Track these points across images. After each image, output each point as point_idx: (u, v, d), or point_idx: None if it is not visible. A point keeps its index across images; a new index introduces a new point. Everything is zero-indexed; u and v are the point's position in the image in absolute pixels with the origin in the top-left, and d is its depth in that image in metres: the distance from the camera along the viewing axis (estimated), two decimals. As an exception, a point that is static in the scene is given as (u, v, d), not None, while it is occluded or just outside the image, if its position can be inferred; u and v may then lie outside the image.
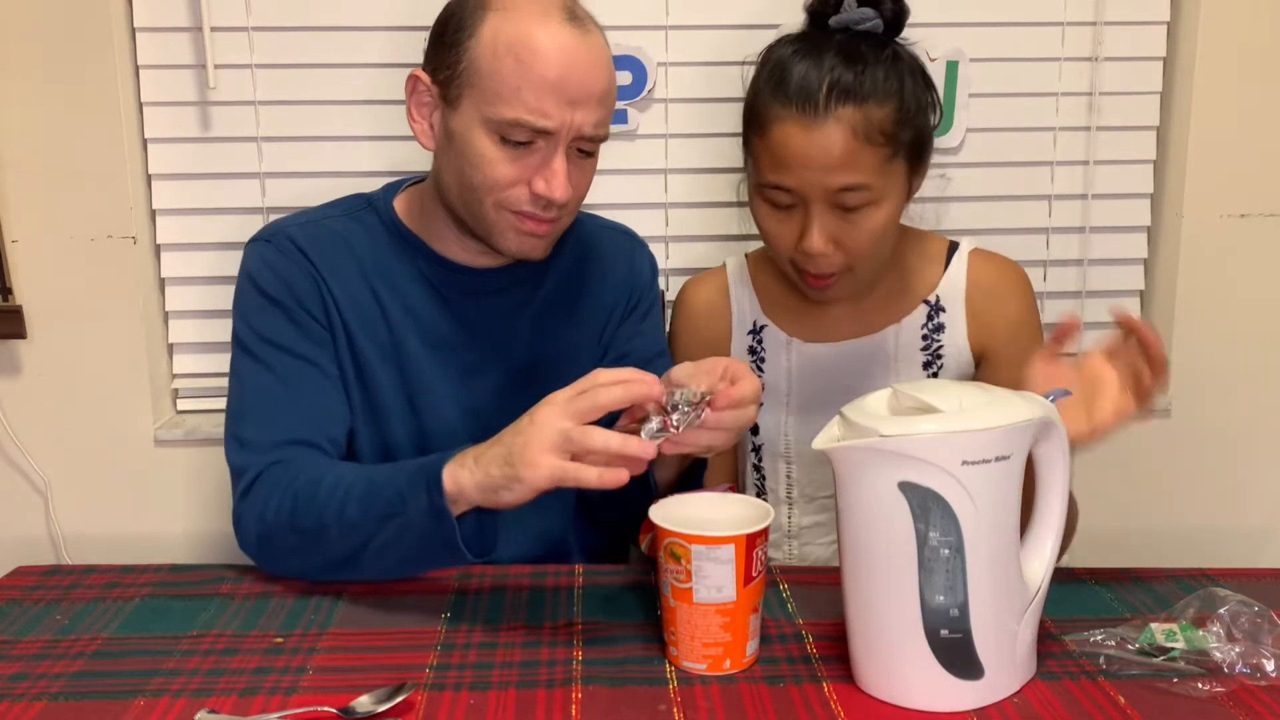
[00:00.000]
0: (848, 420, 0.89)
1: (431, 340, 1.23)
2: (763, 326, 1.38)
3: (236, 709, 0.87)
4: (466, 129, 1.12)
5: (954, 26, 1.59)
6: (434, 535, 1.01)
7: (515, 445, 0.96)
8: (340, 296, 1.20)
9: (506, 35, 1.09)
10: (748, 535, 0.91)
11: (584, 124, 1.11)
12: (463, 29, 1.11)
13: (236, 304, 1.22)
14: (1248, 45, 1.61)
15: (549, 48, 1.08)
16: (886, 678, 0.90)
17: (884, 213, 1.21)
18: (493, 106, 1.09)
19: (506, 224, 1.15)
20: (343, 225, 1.24)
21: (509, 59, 1.08)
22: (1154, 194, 1.69)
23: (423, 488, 1.00)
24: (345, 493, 1.06)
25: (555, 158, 1.12)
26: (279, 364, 1.17)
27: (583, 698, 0.89)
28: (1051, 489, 0.93)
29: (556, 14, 1.10)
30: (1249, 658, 0.93)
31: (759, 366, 1.38)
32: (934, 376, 1.34)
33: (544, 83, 1.08)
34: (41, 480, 1.62)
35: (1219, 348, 1.70)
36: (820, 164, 1.16)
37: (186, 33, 1.54)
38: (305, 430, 1.15)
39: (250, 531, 1.12)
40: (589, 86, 1.10)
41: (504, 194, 1.13)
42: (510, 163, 1.12)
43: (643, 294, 1.34)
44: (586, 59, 1.10)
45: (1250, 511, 1.76)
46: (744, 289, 1.40)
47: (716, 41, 1.58)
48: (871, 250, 1.23)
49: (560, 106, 1.09)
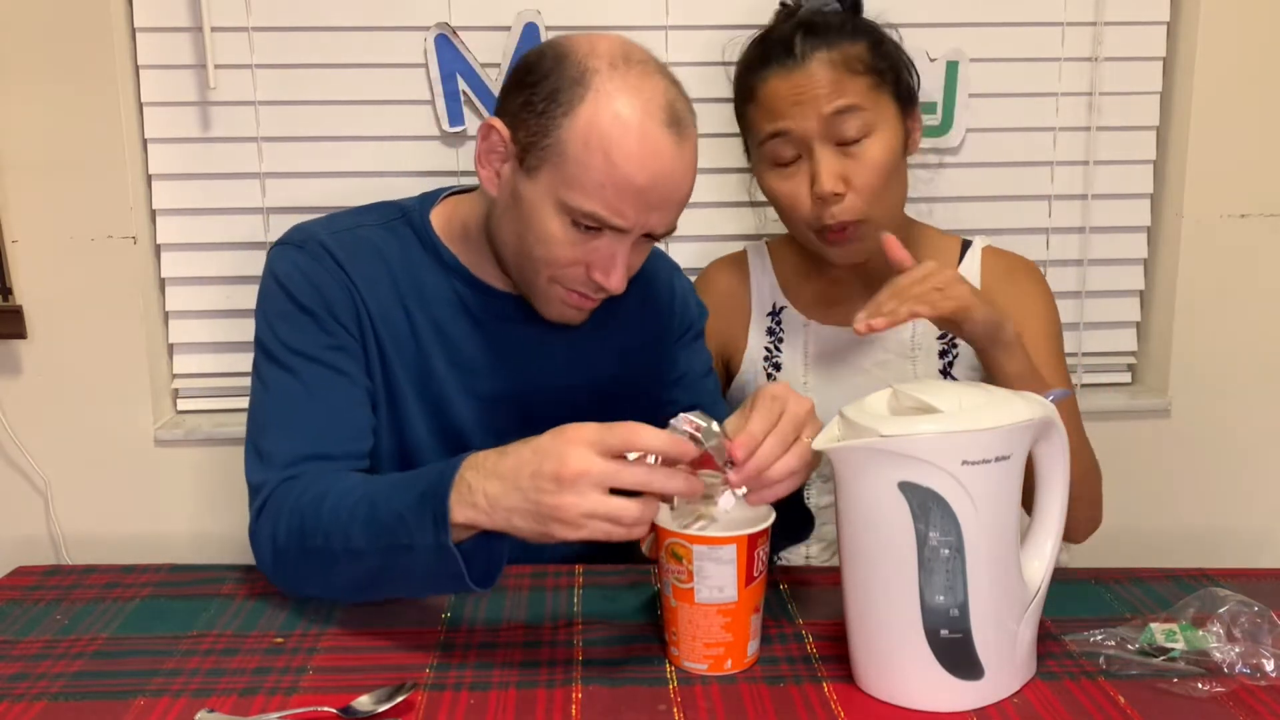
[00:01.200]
0: (848, 420, 0.89)
1: (459, 362, 1.19)
2: (782, 308, 1.41)
3: (236, 709, 0.87)
4: (538, 202, 1.08)
5: (954, 26, 1.60)
6: (440, 572, 0.95)
7: (544, 505, 0.88)
8: (373, 308, 1.16)
9: (602, 127, 1.03)
10: (749, 535, 0.91)
11: (657, 226, 1.09)
12: (556, 101, 1.05)
13: (262, 308, 1.17)
14: (1248, 45, 1.61)
15: (643, 155, 1.03)
16: (886, 678, 0.90)
17: (882, 145, 1.24)
18: (571, 192, 1.05)
19: (555, 295, 1.13)
20: (377, 235, 1.19)
21: (599, 154, 1.03)
22: (1154, 194, 1.70)
23: (429, 522, 0.94)
24: (349, 514, 1.00)
25: (620, 251, 1.09)
26: (306, 373, 1.13)
27: (583, 698, 0.89)
28: (1051, 489, 0.93)
29: (658, 114, 1.05)
30: (1249, 658, 0.93)
31: (777, 347, 1.39)
32: (950, 364, 1.36)
33: (629, 187, 1.04)
34: (41, 480, 1.62)
35: (1219, 348, 1.70)
36: (810, 96, 1.23)
37: (186, 33, 1.54)
38: (327, 445, 1.10)
39: (265, 551, 1.07)
40: (672, 195, 1.07)
41: (561, 271, 1.10)
42: (574, 245, 1.08)
43: (693, 323, 1.32)
44: (678, 169, 1.06)
45: (1250, 511, 1.76)
46: (764, 272, 1.43)
47: (716, 41, 1.57)
48: (880, 188, 1.25)
49: (639, 210, 1.06)
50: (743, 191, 1.61)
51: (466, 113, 1.57)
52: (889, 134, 1.25)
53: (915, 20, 1.58)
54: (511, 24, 1.54)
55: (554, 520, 0.88)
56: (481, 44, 1.55)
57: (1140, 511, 1.74)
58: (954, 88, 1.61)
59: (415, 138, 1.59)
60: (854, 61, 1.23)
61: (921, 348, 1.37)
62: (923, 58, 1.58)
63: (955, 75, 1.60)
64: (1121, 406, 1.72)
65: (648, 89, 1.05)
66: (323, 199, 1.58)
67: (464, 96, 1.56)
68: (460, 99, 1.56)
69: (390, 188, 1.56)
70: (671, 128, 1.05)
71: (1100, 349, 1.75)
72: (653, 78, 1.07)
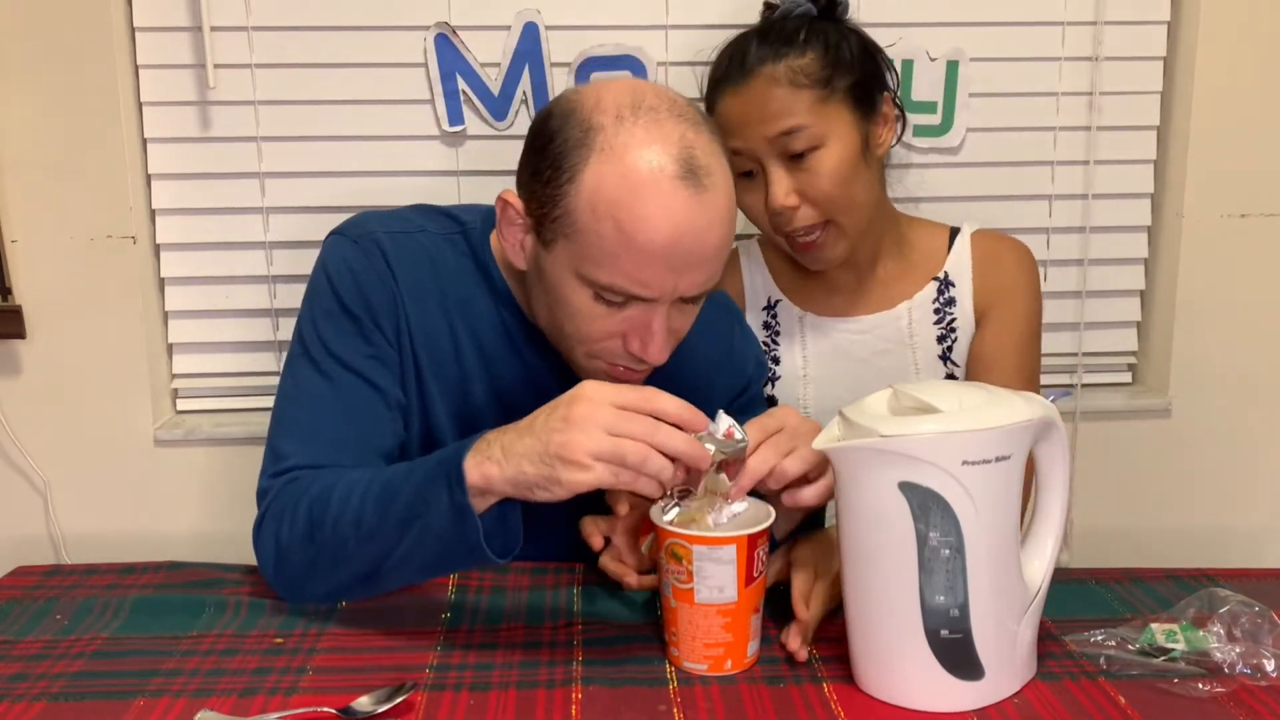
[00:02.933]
0: (848, 420, 0.89)
1: (500, 392, 1.15)
2: (777, 302, 1.41)
3: (236, 709, 0.87)
4: (559, 276, 1.02)
5: (954, 26, 1.59)
6: (456, 537, 0.94)
7: (552, 443, 0.88)
8: (415, 321, 1.11)
9: (609, 193, 0.95)
10: (749, 536, 0.91)
11: (690, 288, 1.00)
12: (561, 168, 0.98)
13: (309, 299, 1.13)
14: (1248, 45, 1.61)
15: (656, 216, 0.95)
16: (886, 678, 0.90)
17: (834, 155, 1.24)
18: (587, 265, 0.99)
19: (597, 370, 1.07)
20: (435, 245, 1.14)
21: (609, 222, 0.96)
22: (1154, 194, 1.69)
23: (443, 483, 0.92)
24: (360, 499, 0.99)
25: (655, 319, 1.01)
26: (340, 381, 1.09)
27: (583, 698, 0.89)
28: (1051, 489, 0.93)
29: (670, 168, 0.95)
30: (1249, 658, 0.93)
31: (774, 341, 1.40)
32: (949, 349, 1.37)
33: (647, 255, 0.96)
34: (41, 480, 1.61)
35: (1219, 348, 1.70)
36: (757, 117, 1.23)
37: (186, 32, 1.53)
38: (344, 457, 1.07)
39: (268, 552, 1.05)
40: (700, 252, 0.98)
41: (597, 346, 1.05)
42: (605, 318, 1.02)
43: (749, 384, 1.27)
44: (700, 224, 0.97)
45: (1250, 511, 1.76)
46: (756, 268, 1.43)
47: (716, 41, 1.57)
48: (837, 196, 1.25)
49: (663, 275, 0.98)
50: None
51: (466, 112, 1.57)
52: (841, 143, 1.24)
53: (915, 20, 1.58)
54: (511, 24, 1.54)
55: (560, 460, 0.87)
56: (481, 44, 1.55)
57: (1140, 511, 1.74)
58: (954, 87, 1.60)
59: (415, 137, 1.59)
60: (799, 75, 1.23)
61: (919, 335, 1.37)
62: (923, 58, 1.58)
63: (955, 75, 1.60)
64: (1121, 406, 1.72)
65: (658, 139, 0.97)
66: (323, 199, 1.58)
67: (464, 96, 1.56)
68: (460, 98, 1.56)
69: (390, 187, 1.56)
70: (687, 180, 0.96)
71: (1100, 349, 1.75)
72: (664, 124, 0.97)
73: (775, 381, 1.40)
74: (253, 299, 1.62)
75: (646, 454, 0.87)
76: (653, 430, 0.88)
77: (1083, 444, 1.69)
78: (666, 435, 0.88)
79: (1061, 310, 1.70)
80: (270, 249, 1.60)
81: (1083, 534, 1.70)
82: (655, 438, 0.87)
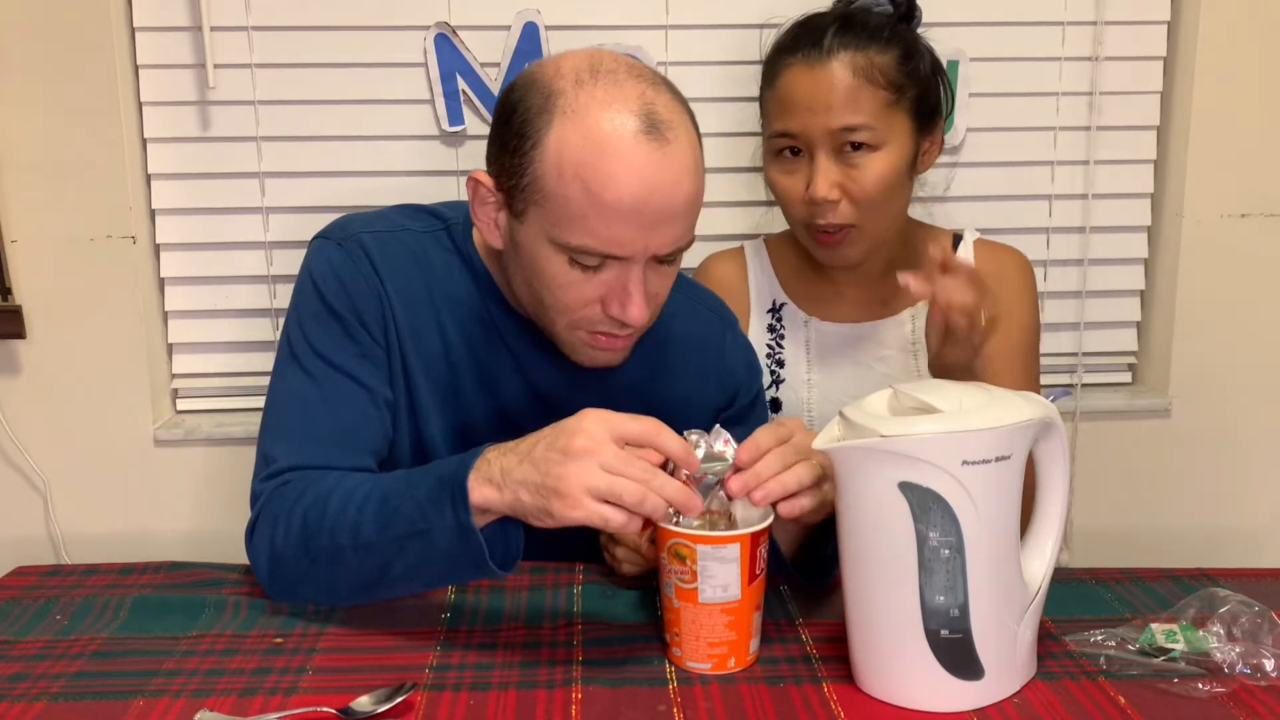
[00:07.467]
0: (848, 420, 0.89)
1: (489, 386, 1.16)
2: (782, 305, 1.41)
3: (236, 709, 0.87)
4: (534, 246, 1.03)
5: (954, 26, 1.59)
6: (460, 555, 0.94)
7: (550, 476, 0.88)
8: (402, 319, 1.12)
9: (573, 154, 0.97)
10: (751, 534, 0.91)
11: (662, 245, 1.01)
12: (525, 136, 0.99)
13: (295, 302, 1.14)
14: (1248, 45, 1.61)
15: (621, 172, 0.96)
16: (886, 678, 0.90)
17: (885, 161, 1.24)
18: (559, 230, 0.99)
19: (580, 341, 1.08)
20: (419, 243, 1.15)
21: (575, 183, 0.97)
22: (1154, 194, 1.70)
23: (447, 503, 0.93)
24: (358, 510, 0.99)
25: (630, 279, 1.02)
26: (327, 381, 1.10)
27: (583, 698, 0.89)
28: (1051, 489, 0.93)
29: (632, 123, 0.97)
30: (1249, 658, 0.93)
31: (779, 344, 1.40)
32: None
33: (616, 212, 0.97)
34: (41, 480, 1.61)
35: (1219, 348, 1.70)
36: (823, 104, 1.22)
37: (186, 32, 1.54)
38: (333, 457, 1.07)
39: (262, 557, 1.05)
40: (669, 207, 0.99)
41: (577, 314, 1.05)
42: (582, 284, 1.02)
43: (738, 392, 1.25)
44: (667, 178, 0.98)
45: (1250, 511, 1.76)
46: (762, 269, 1.43)
47: (716, 41, 1.58)
48: (876, 200, 1.25)
49: (635, 232, 0.98)
50: (742, 190, 1.61)
51: (466, 112, 1.57)
52: (896, 151, 1.25)
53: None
54: (511, 23, 1.54)
55: (555, 494, 0.88)
56: (481, 43, 1.55)
57: (1140, 511, 1.74)
58: (954, 88, 1.60)
59: (415, 137, 1.59)
60: (876, 72, 1.22)
61: (921, 341, 1.37)
62: (923, 57, 1.58)
63: (955, 75, 1.60)
64: (1121, 406, 1.72)
65: (617, 98, 0.98)
66: (322, 198, 1.58)
67: (464, 96, 1.56)
68: (460, 98, 1.56)
69: (390, 187, 1.56)
70: (650, 135, 0.97)
71: (1100, 349, 1.75)
72: (624, 84, 0.99)
73: (779, 384, 1.40)
74: (252, 299, 1.62)
75: (644, 495, 0.87)
76: (650, 476, 0.88)
77: (1083, 444, 1.69)
78: (662, 482, 0.88)
79: (1061, 310, 1.70)
80: (270, 249, 1.60)
81: (1083, 534, 1.70)
82: (652, 484, 0.88)
